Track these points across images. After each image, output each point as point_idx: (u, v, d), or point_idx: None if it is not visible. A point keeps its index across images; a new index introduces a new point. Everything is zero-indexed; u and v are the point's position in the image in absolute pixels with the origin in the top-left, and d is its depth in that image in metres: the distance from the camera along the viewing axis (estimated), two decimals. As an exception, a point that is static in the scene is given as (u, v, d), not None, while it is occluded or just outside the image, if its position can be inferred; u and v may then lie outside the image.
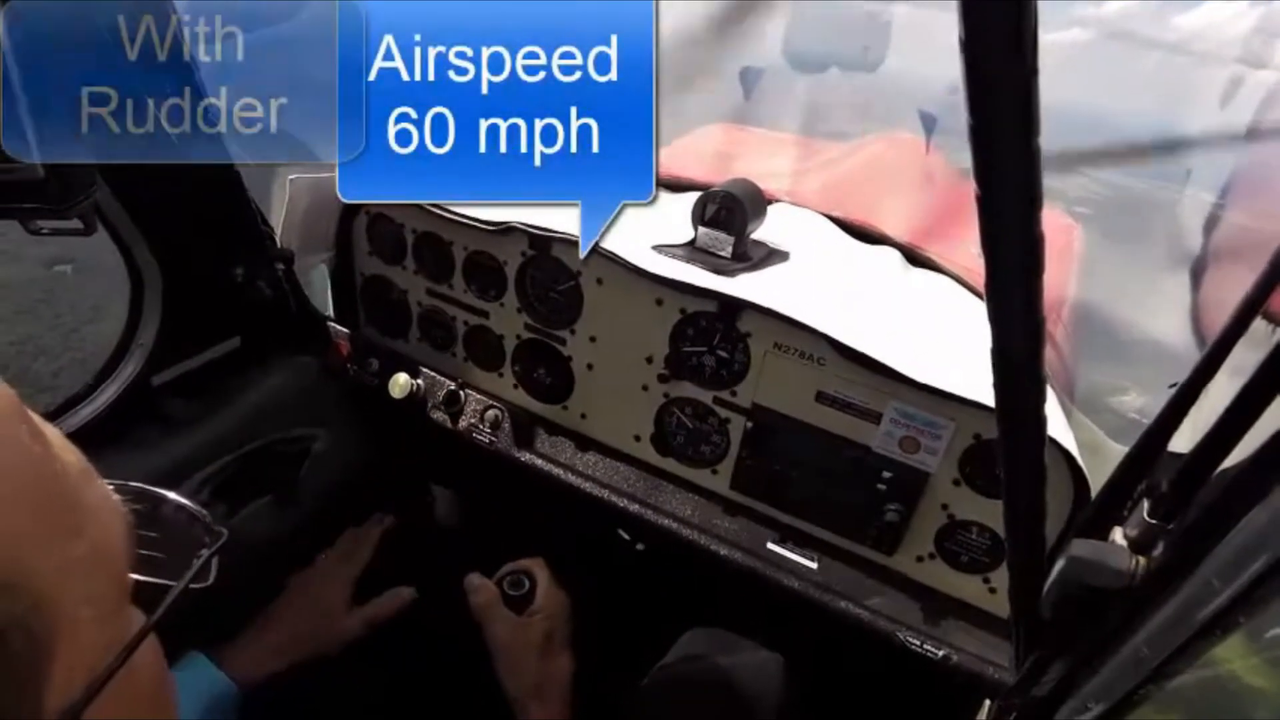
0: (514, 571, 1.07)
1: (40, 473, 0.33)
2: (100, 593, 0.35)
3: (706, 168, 1.46)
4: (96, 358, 1.68)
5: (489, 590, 1.03)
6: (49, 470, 0.33)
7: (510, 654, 0.97)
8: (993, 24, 0.32)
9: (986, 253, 0.39)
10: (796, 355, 0.99)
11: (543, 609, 1.02)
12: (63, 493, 0.34)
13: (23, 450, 0.32)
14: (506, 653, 0.98)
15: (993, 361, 0.44)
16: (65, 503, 0.34)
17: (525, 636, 0.99)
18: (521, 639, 0.98)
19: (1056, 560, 0.51)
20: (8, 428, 0.32)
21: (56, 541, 0.32)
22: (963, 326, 1.05)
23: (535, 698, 0.94)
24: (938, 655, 0.98)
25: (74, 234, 0.78)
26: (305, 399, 1.24)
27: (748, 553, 1.08)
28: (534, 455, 1.21)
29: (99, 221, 0.95)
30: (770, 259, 1.10)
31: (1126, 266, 2.26)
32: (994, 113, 0.34)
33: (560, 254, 1.09)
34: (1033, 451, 0.48)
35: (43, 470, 0.33)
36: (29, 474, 0.32)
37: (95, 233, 0.81)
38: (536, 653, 0.97)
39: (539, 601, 1.03)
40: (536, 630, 0.99)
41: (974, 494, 0.96)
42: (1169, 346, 1.78)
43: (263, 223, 1.15)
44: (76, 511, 0.34)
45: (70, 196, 0.74)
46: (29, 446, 0.33)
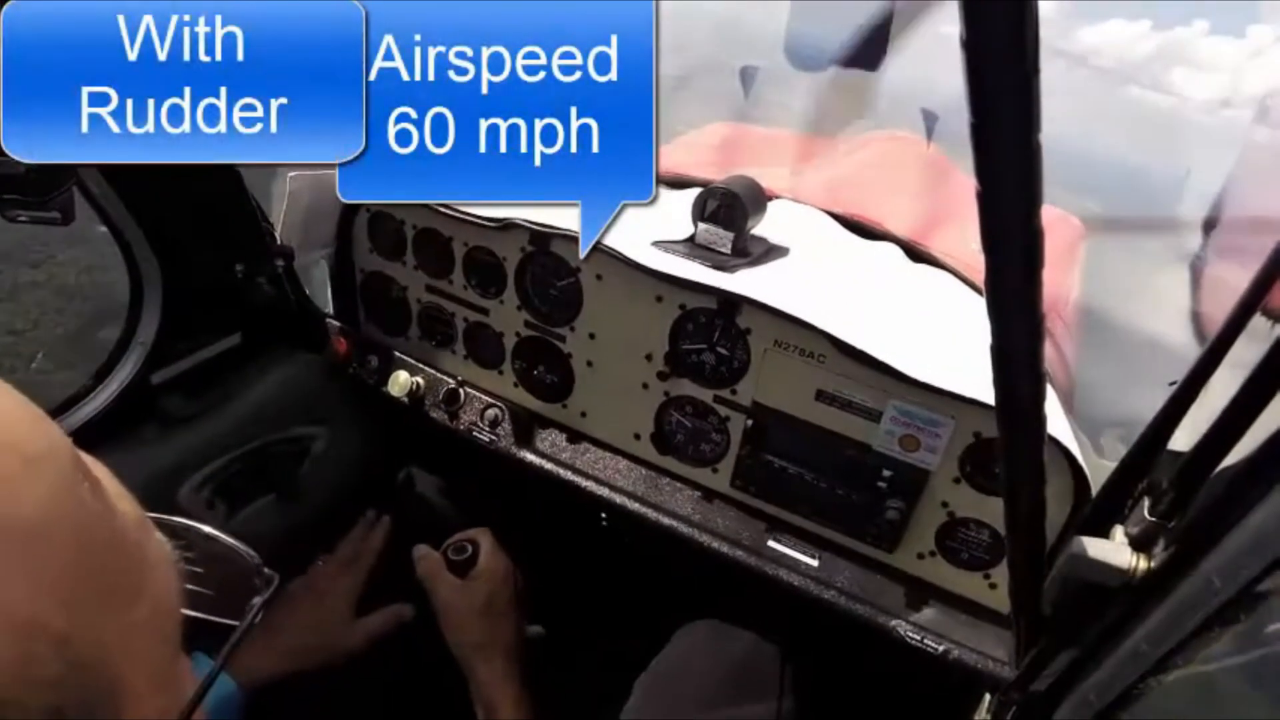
0: (459, 540, 1.10)
1: (103, 535, 0.31)
2: (159, 652, 0.33)
3: (707, 164, 1.46)
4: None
5: (433, 557, 1.08)
6: (111, 530, 0.31)
7: (453, 615, 1.02)
8: (994, 21, 0.32)
9: (987, 249, 0.39)
10: (796, 352, 0.99)
11: (484, 572, 1.06)
12: (125, 553, 0.31)
13: (85, 511, 0.30)
14: (450, 614, 1.02)
15: (992, 358, 0.44)
16: (127, 563, 0.32)
17: (468, 599, 1.03)
18: (464, 601, 1.03)
19: (1057, 557, 0.51)
20: (69, 487, 0.30)
21: (120, 607, 0.30)
22: (963, 323, 1.05)
23: (479, 655, 0.98)
24: (938, 650, 0.98)
25: (51, 224, 0.80)
26: (305, 397, 1.24)
27: (748, 550, 1.09)
28: (534, 454, 1.21)
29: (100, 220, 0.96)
30: (770, 255, 1.10)
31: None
32: (995, 109, 0.34)
33: (560, 250, 1.09)
34: (1033, 449, 0.48)
35: (105, 531, 0.31)
36: (93, 538, 0.30)
37: (73, 221, 0.82)
38: (479, 614, 1.02)
39: (481, 565, 1.07)
40: (479, 592, 1.03)
41: (974, 491, 0.96)
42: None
43: (262, 219, 1.15)
44: (138, 571, 0.32)
45: (49, 190, 0.77)
46: (91, 506, 0.30)
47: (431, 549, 1.09)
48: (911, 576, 1.05)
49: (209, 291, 1.11)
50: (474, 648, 0.99)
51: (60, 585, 0.28)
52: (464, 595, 1.04)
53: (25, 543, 0.27)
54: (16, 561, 0.27)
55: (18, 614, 0.26)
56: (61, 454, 0.31)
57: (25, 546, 0.27)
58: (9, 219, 0.78)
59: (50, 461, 0.30)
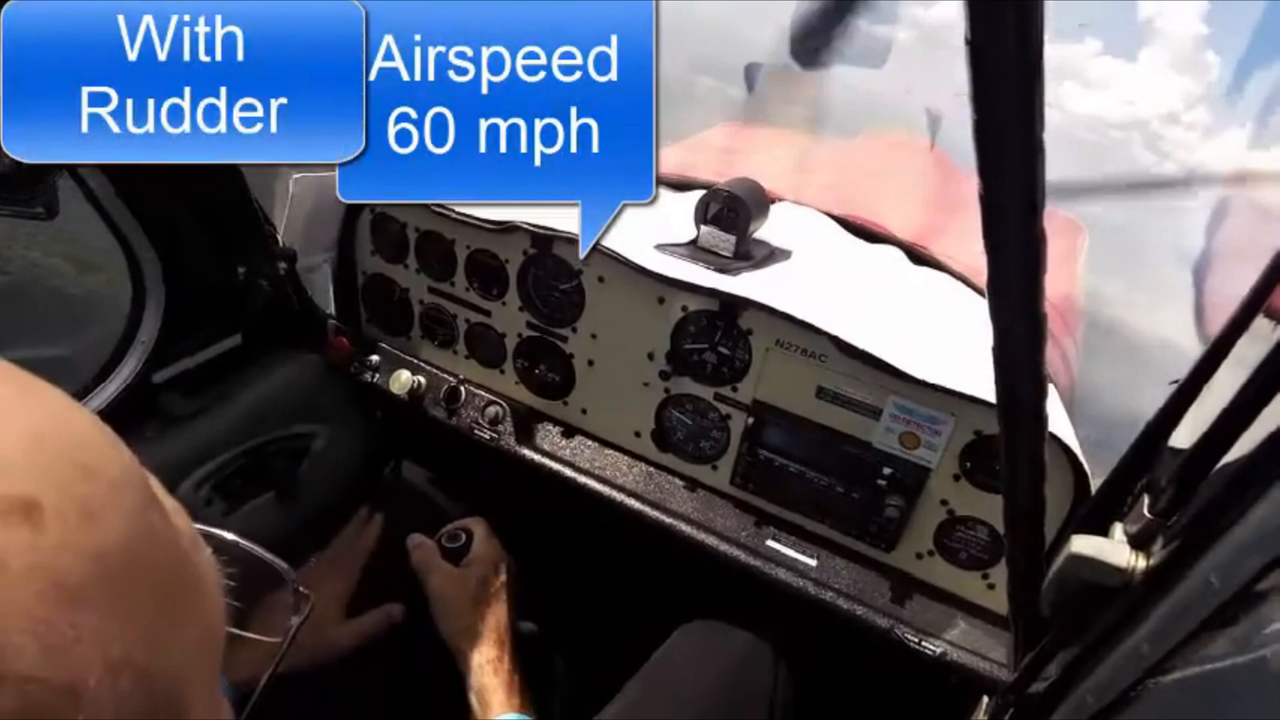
0: (453, 528, 1.11)
1: (173, 557, 0.30)
2: (212, 671, 0.32)
3: (709, 167, 1.46)
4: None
5: (426, 545, 1.09)
6: (178, 552, 0.30)
7: (445, 601, 1.02)
8: (998, 23, 0.32)
9: (989, 249, 0.40)
10: (798, 352, 0.99)
11: (477, 559, 1.07)
12: (187, 573, 0.31)
13: (157, 534, 0.29)
14: (441, 599, 1.03)
15: (994, 357, 0.44)
16: (189, 582, 0.31)
17: (460, 585, 1.03)
18: (456, 587, 1.03)
19: (1056, 557, 0.51)
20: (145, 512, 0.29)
21: (185, 628, 0.29)
22: (965, 324, 1.05)
23: (470, 641, 0.98)
24: (936, 652, 0.98)
25: (35, 218, 0.80)
26: (306, 396, 1.24)
27: (747, 549, 1.09)
28: (534, 451, 1.21)
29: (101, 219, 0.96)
30: (772, 258, 1.10)
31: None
32: (998, 111, 0.34)
33: (562, 252, 1.09)
34: (1033, 447, 0.48)
35: (175, 554, 0.30)
36: (165, 562, 0.29)
37: (57, 216, 0.82)
38: (470, 599, 1.02)
39: (474, 552, 1.08)
40: (471, 578, 1.04)
41: (974, 489, 0.96)
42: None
43: (265, 221, 1.15)
44: (195, 590, 0.31)
45: (34, 185, 0.77)
46: (161, 528, 0.29)
47: (425, 538, 1.10)
48: (910, 576, 1.05)
49: (210, 292, 1.11)
50: (465, 634, 0.99)
51: (142, 615, 0.27)
52: (457, 582, 1.04)
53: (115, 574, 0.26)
54: (106, 595, 0.25)
55: (112, 652, 0.25)
56: (135, 476, 0.29)
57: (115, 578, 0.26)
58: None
59: (128, 486, 0.29)
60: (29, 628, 0.22)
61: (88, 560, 0.25)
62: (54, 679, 0.23)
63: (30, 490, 0.24)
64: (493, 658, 0.97)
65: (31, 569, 0.23)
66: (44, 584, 0.23)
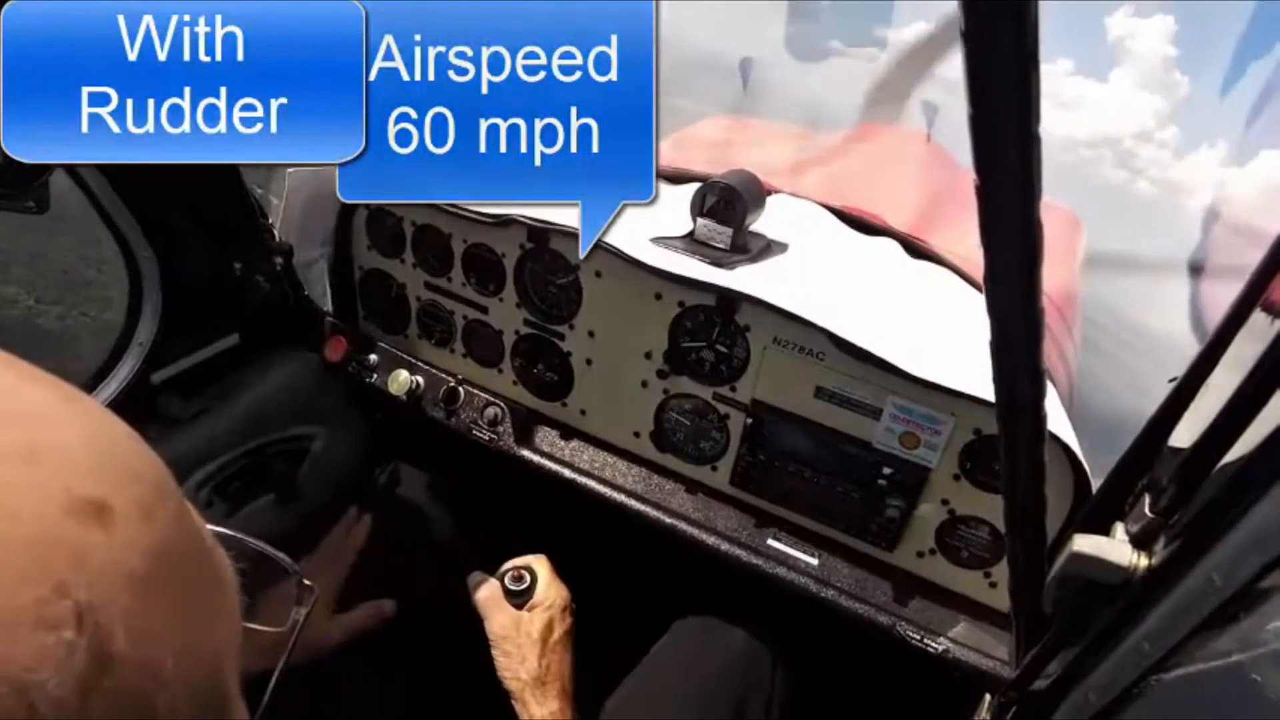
0: (515, 568, 1.08)
1: (203, 554, 0.32)
2: (236, 663, 0.33)
3: (706, 159, 1.46)
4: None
5: (491, 585, 1.04)
6: (207, 550, 0.32)
7: (510, 646, 0.98)
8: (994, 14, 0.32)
9: (985, 243, 0.39)
10: (796, 349, 0.99)
11: (542, 603, 1.02)
12: (214, 568, 0.32)
13: (194, 536, 0.31)
14: (506, 645, 0.98)
15: (992, 354, 0.44)
16: (217, 577, 0.32)
17: (526, 629, 0.99)
18: (522, 631, 0.99)
19: (1057, 555, 0.51)
20: (184, 513, 0.30)
21: (219, 621, 0.31)
22: (963, 319, 1.05)
23: (536, 690, 0.95)
24: (938, 650, 0.98)
25: (27, 212, 0.80)
26: (304, 397, 1.24)
27: (748, 548, 1.09)
28: (533, 452, 1.21)
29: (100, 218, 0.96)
30: (769, 250, 1.10)
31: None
32: (994, 102, 0.34)
33: (559, 247, 1.09)
34: (1033, 446, 0.48)
35: (204, 551, 0.32)
36: (200, 560, 0.31)
37: (48, 210, 0.82)
38: (536, 645, 0.98)
39: (539, 594, 1.03)
40: (537, 622, 1.00)
41: (974, 489, 0.96)
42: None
43: (261, 217, 1.15)
44: (221, 584, 0.33)
45: (27, 181, 0.77)
46: (196, 529, 0.31)
47: (487, 575, 1.05)
48: (911, 575, 1.05)
49: (208, 290, 1.10)
50: (532, 683, 0.95)
51: (193, 607, 0.29)
52: (522, 626, 0.99)
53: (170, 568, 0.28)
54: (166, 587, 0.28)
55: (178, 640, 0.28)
56: (170, 478, 0.31)
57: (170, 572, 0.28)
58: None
59: (169, 487, 0.31)
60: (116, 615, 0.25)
61: (149, 555, 0.27)
62: (137, 658, 0.25)
63: (101, 493, 0.27)
64: (555, 710, 0.94)
65: (108, 563, 0.26)
66: (119, 575, 0.26)
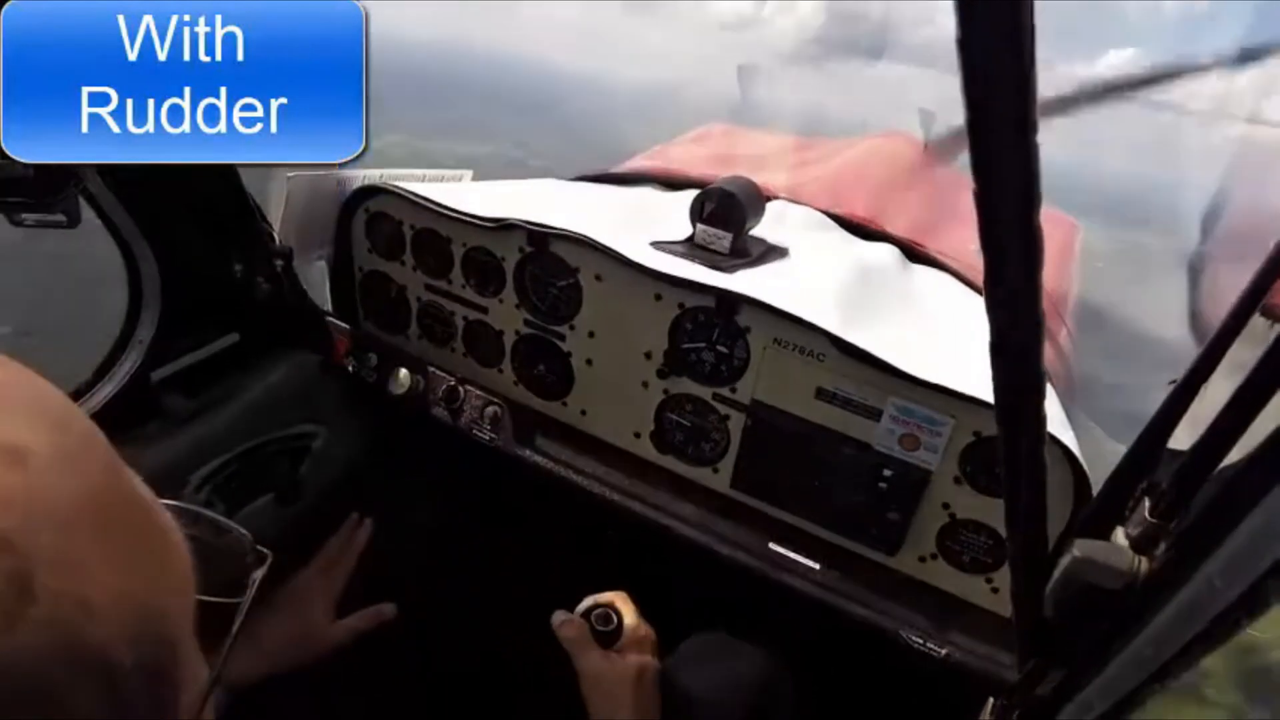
0: (599, 605, 1.05)
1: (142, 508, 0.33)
2: (190, 625, 0.35)
3: (705, 165, 1.46)
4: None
5: (579, 625, 1.00)
6: (146, 506, 0.33)
7: (603, 688, 0.95)
8: (990, 19, 0.32)
9: (985, 247, 0.39)
10: (796, 351, 0.99)
11: (631, 644, 0.99)
12: (155, 524, 0.34)
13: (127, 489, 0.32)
14: (599, 686, 0.95)
15: (991, 357, 0.43)
16: (158, 534, 0.34)
17: (619, 671, 0.96)
18: (616, 673, 0.95)
19: (1058, 560, 0.51)
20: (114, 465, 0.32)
21: (164, 576, 0.33)
22: (963, 322, 1.05)
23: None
24: (940, 654, 0.98)
25: (57, 226, 0.80)
26: (304, 396, 1.24)
27: (749, 553, 1.08)
28: (534, 452, 1.21)
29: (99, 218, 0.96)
30: (769, 255, 1.10)
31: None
32: (992, 108, 0.34)
33: (559, 250, 1.09)
34: (1032, 448, 0.47)
35: (143, 505, 0.33)
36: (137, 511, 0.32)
37: (79, 224, 0.82)
38: (631, 689, 0.95)
39: (627, 636, 0.99)
40: (630, 665, 0.96)
41: (975, 492, 0.96)
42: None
43: (261, 219, 1.15)
44: (163, 541, 0.34)
45: (54, 192, 0.77)
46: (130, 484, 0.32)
47: (572, 615, 1.01)
48: (913, 579, 1.05)
49: (208, 290, 1.10)
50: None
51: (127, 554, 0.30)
52: (615, 667, 0.96)
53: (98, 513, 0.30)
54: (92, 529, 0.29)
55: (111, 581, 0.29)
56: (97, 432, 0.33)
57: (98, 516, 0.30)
58: (14, 222, 0.77)
59: (95, 439, 0.32)
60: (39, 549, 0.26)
61: (75, 498, 0.29)
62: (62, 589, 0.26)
63: (18, 438, 0.28)
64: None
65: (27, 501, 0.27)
66: (40, 514, 0.27)
